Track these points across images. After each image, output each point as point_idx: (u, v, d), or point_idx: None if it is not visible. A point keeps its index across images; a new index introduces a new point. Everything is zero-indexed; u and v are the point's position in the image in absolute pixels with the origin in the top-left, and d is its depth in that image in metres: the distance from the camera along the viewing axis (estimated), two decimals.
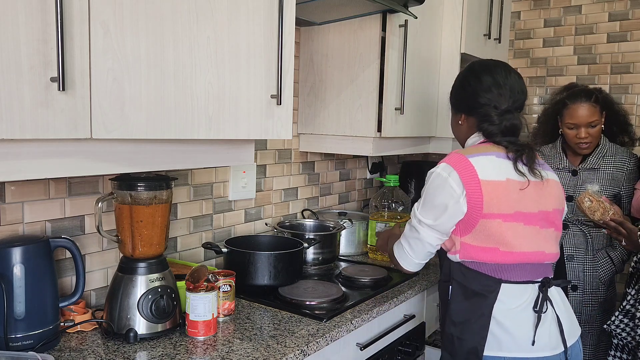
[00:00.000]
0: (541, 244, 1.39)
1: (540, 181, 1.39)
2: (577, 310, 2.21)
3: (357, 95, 2.06)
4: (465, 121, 1.51)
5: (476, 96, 1.45)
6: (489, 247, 1.35)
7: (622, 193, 2.15)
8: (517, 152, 1.38)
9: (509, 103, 1.43)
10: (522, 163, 1.38)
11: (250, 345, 1.33)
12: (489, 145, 1.42)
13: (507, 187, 1.34)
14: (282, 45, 1.37)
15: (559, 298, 1.44)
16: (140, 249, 1.34)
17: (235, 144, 1.40)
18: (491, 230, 1.34)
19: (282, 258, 1.70)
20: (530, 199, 1.37)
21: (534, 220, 1.37)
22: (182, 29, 1.14)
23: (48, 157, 0.99)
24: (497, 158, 1.37)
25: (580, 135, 2.11)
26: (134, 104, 1.07)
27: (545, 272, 1.43)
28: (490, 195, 1.32)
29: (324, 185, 2.48)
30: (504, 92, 1.43)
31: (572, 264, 2.20)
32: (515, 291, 1.37)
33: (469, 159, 1.35)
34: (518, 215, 1.35)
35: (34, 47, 0.90)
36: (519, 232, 1.35)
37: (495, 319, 1.34)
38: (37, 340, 1.22)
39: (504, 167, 1.36)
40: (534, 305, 1.36)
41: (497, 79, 1.45)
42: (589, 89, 2.19)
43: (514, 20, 3.06)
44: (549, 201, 1.41)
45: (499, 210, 1.33)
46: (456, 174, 1.34)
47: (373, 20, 2.00)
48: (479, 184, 1.32)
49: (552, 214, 1.42)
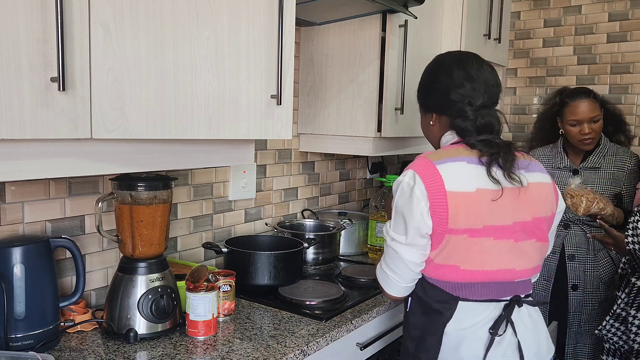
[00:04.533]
0: (513, 261, 1.25)
1: (519, 187, 1.24)
2: (577, 310, 2.22)
3: (357, 95, 2.06)
4: (437, 121, 1.37)
5: (448, 93, 1.31)
6: (449, 264, 1.23)
7: (623, 192, 2.16)
8: (492, 155, 1.23)
9: (484, 98, 1.29)
10: (498, 166, 1.23)
11: (250, 345, 1.33)
12: (462, 148, 1.27)
13: (477, 199, 1.19)
14: (282, 45, 1.37)
15: (527, 320, 1.29)
16: (140, 249, 1.34)
17: (235, 144, 1.40)
18: (455, 246, 1.21)
19: (282, 258, 1.70)
20: (504, 210, 1.22)
21: (507, 234, 1.23)
22: (182, 29, 1.14)
23: (48, 157, 0.99)
24: (468, 164, 1.22)
25: (584, 130, 2.13)
26: (134, 104, 1.07)
27: (515, 290, 1.29)
28: (457, 209, 1.18)
29: (324, 185, 2.48)
30: (478, 86, 1.30)
31: (573, 263, 2.20)
32: (474, 309, 1.25)
33: (437, 166, 1.21)
34: (488, 230, 1.21)
35: (34, 47, 0.90)
36: (486, 248, 1.22)
37: (447, 337, 1.24)
38: (37, 340, 1.22)
39: (476, 175, 1.21)
40: (492, 326, 1.24)
41: (469, 72, 1.31)
42: (585, 88, 2.23)
43: (514, 20, 3.06)
44: (530, 209, 1.26)
45: (466, 225, 1.19)
46: (422, 183, 1.20)
47: (373, 20, 2.00)
48: (445, 196, 1.18)
49: (532, 223, 1.26)
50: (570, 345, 2.24)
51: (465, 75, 1.31)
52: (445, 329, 1.25)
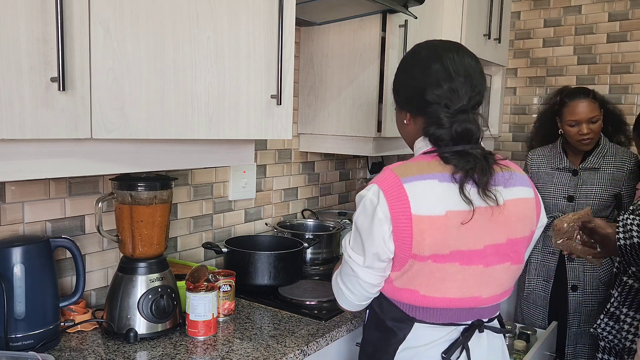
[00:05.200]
0: (480, 288, 1.13)
1: (494, 206, 1.09)
2: (577, 310, 2.21)
3: (357, 95, 2.06)
4: (411, 121, 1.22)
5: (423, 92, 1.14)
6: (409, 288, 1.12)
7: (622, 193, 2.16)
8: (467, 171, 1.08)
9: (464, 100, 1.12)
10: (473, 182, 1.08)
11: (250, 345, 1.33)
12: (434, 162, 1.11)
13: (446, 224, 1.06)
14: (282, 45, 1.37)
15: (485, 346, 1.18)
16: (140, 248, 1.34)
17: (235, 144, 1.40)
18: (418, 272, 1.10)
19: (282, 258, 1.70)
20: (474, 233, 1.09)
21: (476, 259, 1.10)
22: (182, 29, 1.14)
23: (48, 157, 0.99)
24: (439, 183, 1.08)
25: (582, 131, 2.12)
26: (134, 104, 1.07)
27: (479, 314, 1.17)
28: (423, 234, 1.05)
29: (324, 185, 2.48)
30: (458, 85, 1.12)
31: (572, 264, 2.20)
32: (430, 331, 1.15)
33: (404, 185, 1.07)
34: (454, 255, 1.08)
35: (34, 47, 0.90)
36: (450, 275, 1.10)
37: (399, 355, 1.16)
38: (37, 340, 1.22)
39: (447, 195, 1.07)
40: (446, 350, 1.13)
41: (448, 67, 1.13)
42: (585, 88, 2.22)
43: (514, 20, 3.06)
44: (505, 230, 1.12)
45: (431, 251, 1.06)
46: (385, 204, 1.07)
47: (373, 20, 2.00)
48: (410, 220, 1.05)
49: (506, 246, 1.13)
50: (570, 346, 2.23)
51: (443, 72, 1.13)
52: (398, 349, 1.16)
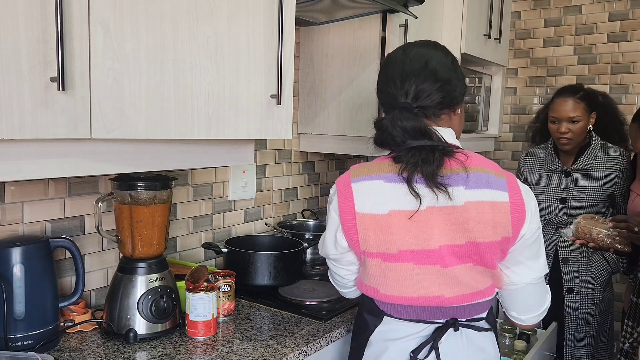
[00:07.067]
0: (441, 288, 1.10)
1: (451, 206, 1.05)
2: (573, 312, 2.20)
3: (357, 95, 2.06)
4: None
5: (379, 93, 1.19)
6: (371, 286, 1.16)
7: (615, 192, 2.12)
8: (414, 165, 1.06)
9: (402, 97, 1.10)
10: (421, 176, 1.06)
11: (250, 346, 1.33)
12: (386, 163, 1.12)
13: (389, 223, 1.07)
14: (282, 45, 1.37)
15: (462, 346, 1.15)
16: (140, 249, 1.34)
17: (235, 144, 1.40)
18: (372, 269, 1.13)
19: (282, 258, 1.70)
20: (425, 233, 1.07)
21: (431, 259, 1.08)
22: (182, 28, 1.14)
23: (48, 157, 0.99)
24: (385, 183, 1.09)
25: (560, 129, 2.09)
26: (134, 104, 1.07)
27: (454, 313, 1.14)
28: (367, 232, 1.09)
29: (324, 185, 2.48)
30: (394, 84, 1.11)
31: (567, 267, 2.18)
32: (399, 326, 1.16)
33: (352, 184, 1.12)
34: (405, 255, 1.08)
35: (34, 47, 0.90)
36: (406, 274, 1.10)
37: (370, 347, 1.19)
38: (37, 341, 1.22)
39: (392, 195, 1.08)
40: (414, 349, 1.13)
41: (395, 66, 1.13)
42: (578, 86, 2.16)
43: (514, 20, 3.06)
44: (465, 232, 1.07)
45: (377, 249, 1.09)
46: (336, 202, 1.14)
47: (373, 20, 2.00)
48: (354, 218, 1.10)
49: (466, 247, 1.08)
50: (569, 348, 2.21)
51: (391, 70, 1.14)
52: (369, 340, 1.21)
